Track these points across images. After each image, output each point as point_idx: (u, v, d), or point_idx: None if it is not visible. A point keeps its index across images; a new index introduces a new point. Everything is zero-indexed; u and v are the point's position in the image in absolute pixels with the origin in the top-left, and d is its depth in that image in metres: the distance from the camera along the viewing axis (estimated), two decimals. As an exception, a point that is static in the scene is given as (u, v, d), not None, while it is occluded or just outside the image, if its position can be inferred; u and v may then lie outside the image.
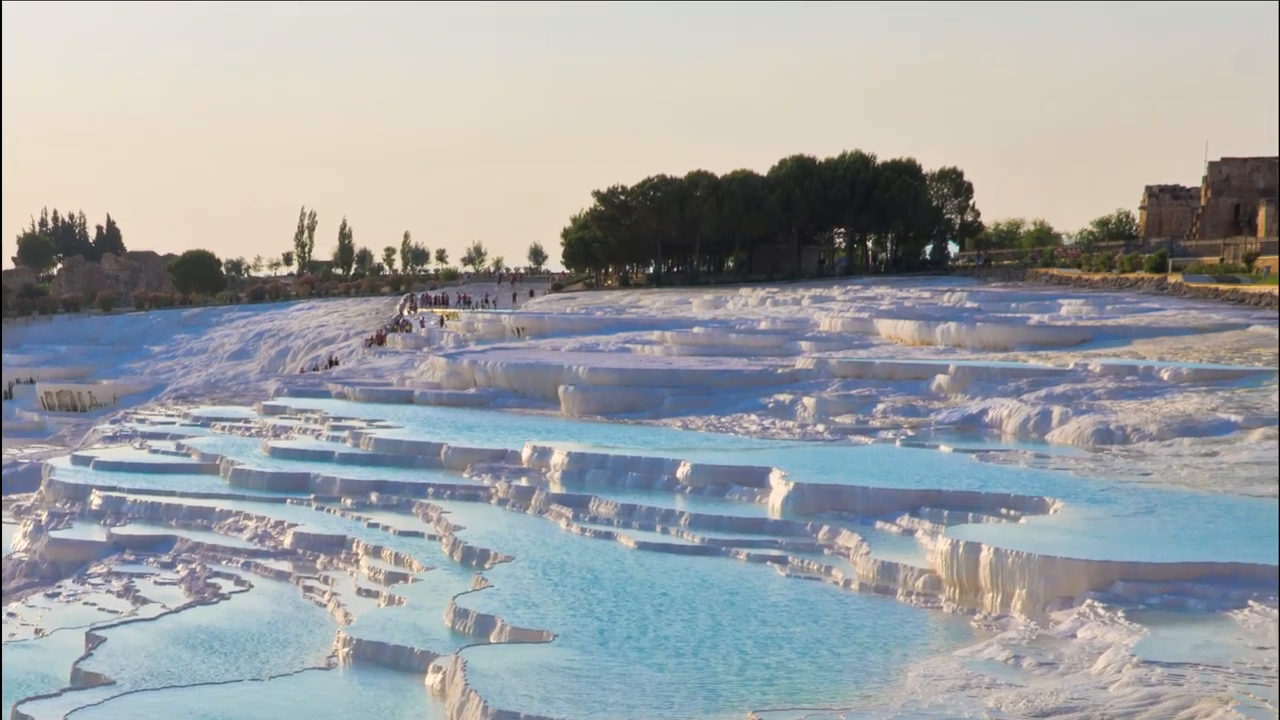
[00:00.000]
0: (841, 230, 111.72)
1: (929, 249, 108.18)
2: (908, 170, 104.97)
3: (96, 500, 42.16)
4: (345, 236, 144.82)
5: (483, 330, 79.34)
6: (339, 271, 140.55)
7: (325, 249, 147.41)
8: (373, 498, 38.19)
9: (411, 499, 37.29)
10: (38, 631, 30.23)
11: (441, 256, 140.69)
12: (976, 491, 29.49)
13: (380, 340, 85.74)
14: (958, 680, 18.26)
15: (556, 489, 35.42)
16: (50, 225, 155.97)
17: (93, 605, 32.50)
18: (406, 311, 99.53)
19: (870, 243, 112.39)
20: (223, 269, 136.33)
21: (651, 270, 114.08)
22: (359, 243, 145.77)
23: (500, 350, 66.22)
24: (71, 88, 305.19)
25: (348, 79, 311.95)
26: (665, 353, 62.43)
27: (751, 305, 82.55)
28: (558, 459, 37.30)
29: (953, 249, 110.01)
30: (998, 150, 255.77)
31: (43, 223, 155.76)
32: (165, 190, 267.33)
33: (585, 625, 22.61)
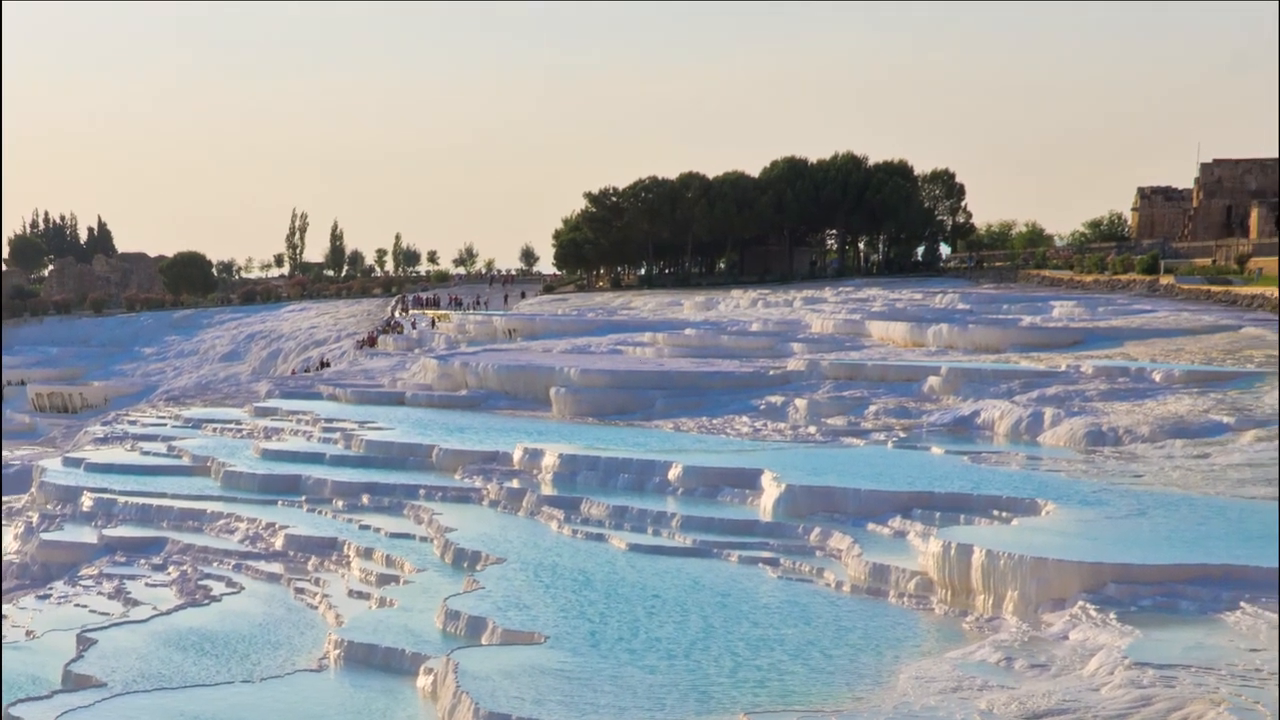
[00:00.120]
0: (833, 232, 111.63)
1: (921, 250, 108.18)
2: (899, 172, 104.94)
3: (87, 502, 42.08)
4: (337, 238, 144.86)
5: (474, 332, 79.29)
6: (330, 273, 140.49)
7: (317, 250, 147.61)
8: (364, 499, 38.14)
9: (403, 501, 37.24)
10: (28, 633, 30.11)
11: (433, 258, 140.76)
12: (968, 493, 29.49)
13: (372, 342, 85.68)
14: (949, 682, 18.25)
15: (548, 491, 35.38)
16: (41, 227, 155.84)
17: (84, 607, 32.38)
18: (398, 313, 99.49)
19: (862, 244, 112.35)
20: (214, 270, 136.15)
21: (643, 272, 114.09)
22: (350, 244, 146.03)
23: (492, 352, 66.18)
24: (63, 89, 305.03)
25: (339, 81, 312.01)
26: (657, 354, 62.43)
27: (743, 307, 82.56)
28: (549, 461, 37.28)
29: (945, 251, 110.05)
30: (990, 152, 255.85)
31: (34, 224, 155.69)
32: (156, 192, 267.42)
33: (577, 627, 22.58)
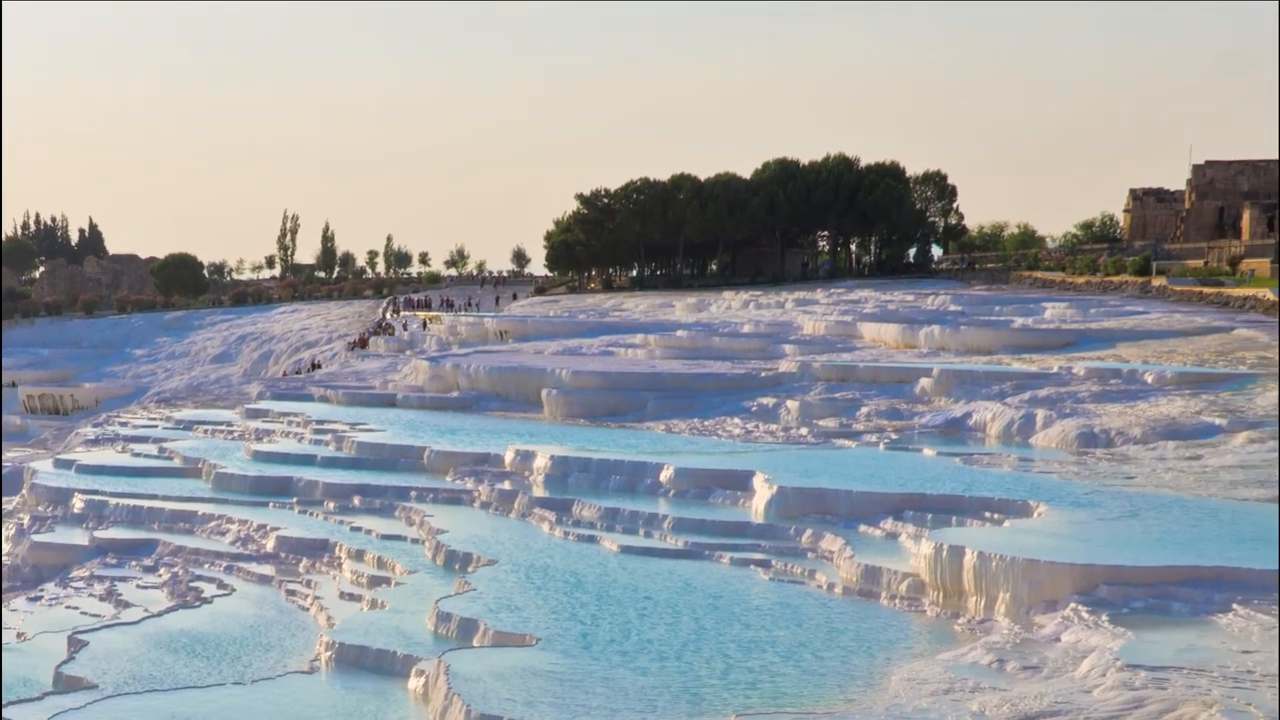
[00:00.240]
0: (825, 233, 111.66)
1: (913, 252, 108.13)
2: (891, 173, 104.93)
3: (79, 503, 42.02)
4: (328, 239, 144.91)
5: (465, 333, 79.26)
6: (321, 274, 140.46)
7: (308, 252, 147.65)
8: (355, 501, 38.12)
9: (394, 502, 37.24)
10: (19, 635, 30.08)
11: (424, 260, 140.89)
12: (960, 495, 29.47)
13: (363, 343, 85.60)
14: (941, 684, 18.24)
15: (539, 492, 35.36)
16: (32, 228, 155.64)
17: (75, 609, 32.35)
18: (389, 315, 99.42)
19: (854, 246, 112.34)
20: (205, 272, 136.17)
21: (634, 273, 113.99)
22: (341, 246, 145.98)
23: (483, 353, 66.15)
24: (54, 90, 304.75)
25: (331, 82, 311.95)
26: (648, 356, 62.39)
27: (735, 308, 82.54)
28: (541, 462, 37.26)
29: (936, 252, 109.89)
30: (982, 153, 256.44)
31: (24, 225, 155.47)
32: (148, 193, 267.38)
33: (568, 629, 22.57)
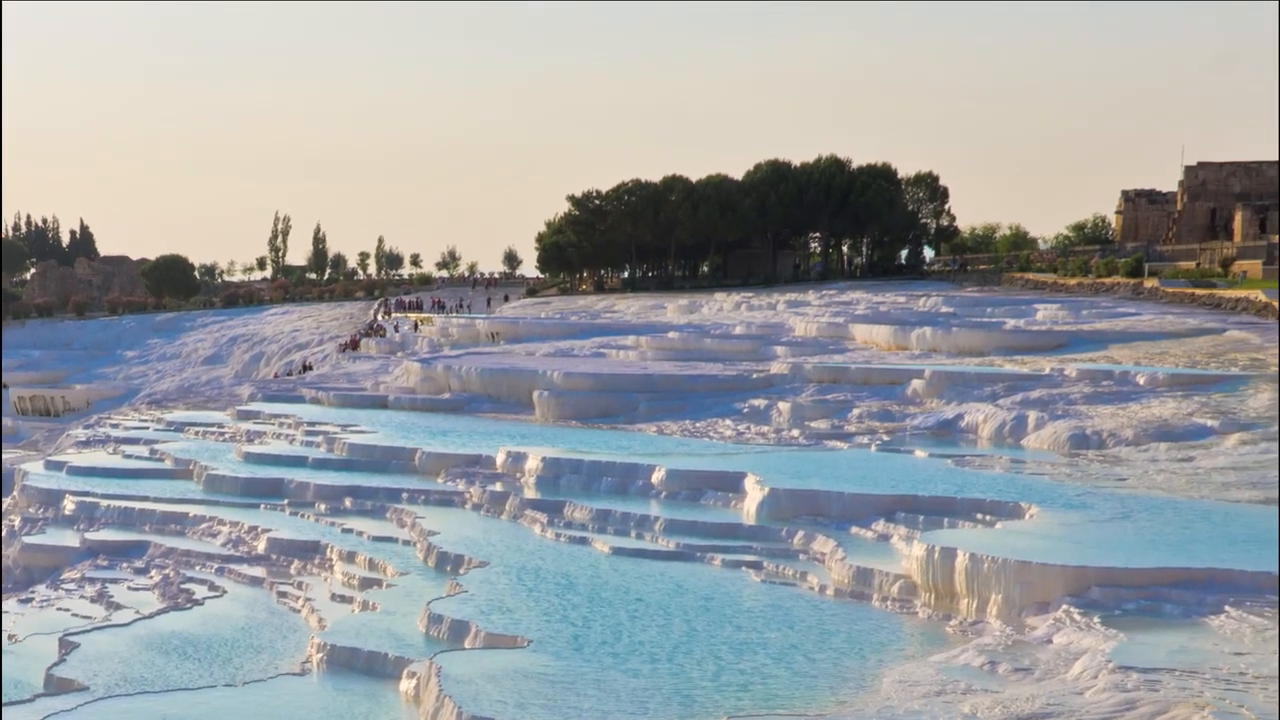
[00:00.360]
0: (817, 235, 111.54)
1: (904, 254, 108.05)
2: (883, 175, 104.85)
3: (70, 505, 41.99)
4: (319, 241, 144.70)
5: (457, 335, 79.22)
6: (313, 276, 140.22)
7: (299, 254, 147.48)
8: (347, 503, 38.09)
9: (386, 504, 37.21)
10: (11, 637, 30.04)
11: (416, 261, 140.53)
12: (952, 497, 29.49)
13: (354, 345, 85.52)
14: (933, 686, 18.23)
15: (531, 494, 35.35)
16: (23, 230, 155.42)
17: (66, 611, 32.33)
18: (381, 316, 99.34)
19: (845, 247, 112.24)
20: (196, 274, 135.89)
21: (626, 275, 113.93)
22: (333, 247, 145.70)
23: (475, 355, 66.14)
24: (44, 91, 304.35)
25: (322, 84, 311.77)
26: (640, 357, 62.37)
27: (726, 310, 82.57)
28: (532, 464, 37.25)
29: (928, 254, 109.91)
30: (973, 155, 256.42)
31: (16, 227, 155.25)
32: (139, 195, 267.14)
33: (560, 631, 22.56)
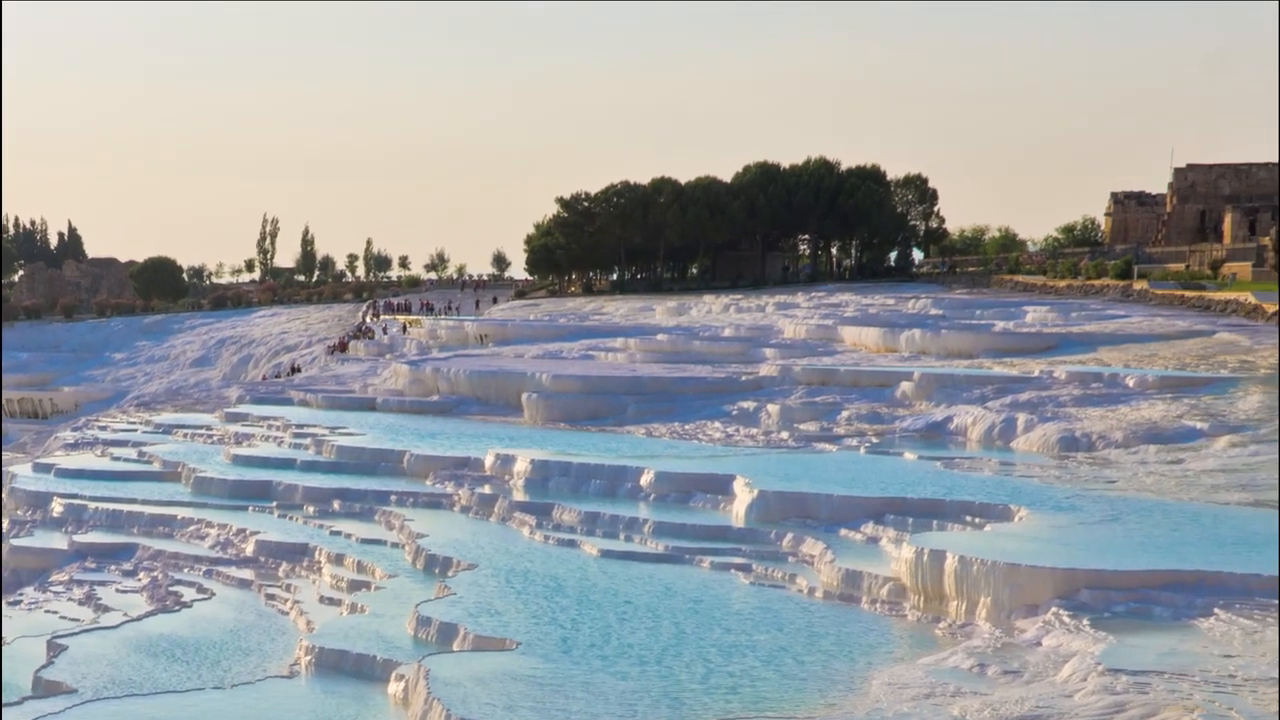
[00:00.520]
0: (806, 237, 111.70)
1: (893, 256, 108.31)
2: (872, 176, 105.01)
3: (58, 508, 41.88)
4: (308, 243, 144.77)
5: (446, 337, 79.17)
6: (301, 278, 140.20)
7: (288, 256, 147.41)
8: (335, 505, 38.04)
9: (374, 506, 37.16)
10: (-2, 640, 30.00)
11: (404, 263, 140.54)
12: (941, 499, 29.47)
13: (343, 347, 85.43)
14: (922, 688, 18.22)
15: (520, 496, 35.31)
16: (11, 232, 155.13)
17: (54, 613, 32.24)
18: (369, 318, 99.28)
19: (835, 249, 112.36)
20: (184, 276, 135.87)
21: (615, 277, 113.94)
22: (321, 249, 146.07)
23: (463, 357, 66.06)
24: (33, 93, 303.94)
25: (310, 86, 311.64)
26: (629, 360, 62.34)
27: (715, 312, 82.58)
28: (521, 466, 37.20)
29: (917, 256, 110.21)
30: (962, 156, 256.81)
31: (3, 229, 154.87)
32: (127, 197, 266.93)
33: (549, 633, 22.53)
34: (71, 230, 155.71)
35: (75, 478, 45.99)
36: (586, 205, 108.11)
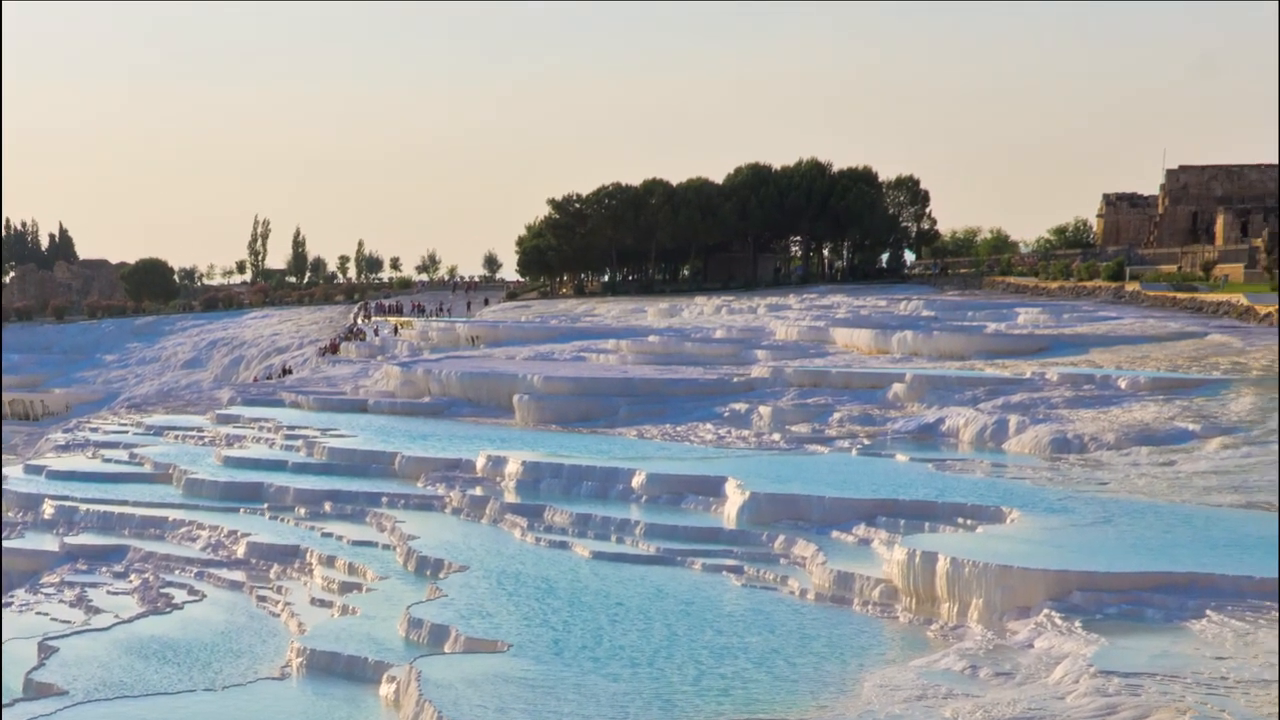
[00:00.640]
0: (797, 238, 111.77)
1: (885, 257, 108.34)
2: (864, 178, 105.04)
3: (49, 509, 41.88)
4: (299, 244, 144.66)
5: (437, 339, 79.14)
6: (293, 280, 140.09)
7: (279, 257, 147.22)
8: (326, 507, 38.01)
9: (365, 508, 37.14)
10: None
11: (396, 265, 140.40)
12: (933, 501, 29.43)
13: (334, 349, 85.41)
14: (914, 690, 18.21)
15: (511, 498, 35.30)
16: (2, 233, 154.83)
17: (45, 615, 32.28)
18: (360, 320, 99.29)
19: (826, 251, 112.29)
20: (176, 277, 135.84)
21: (607, 279, 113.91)
22: (313, 251, 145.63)
23: (455, 359, 66.04)
24: (24, 94, 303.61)
25: (302, 87, 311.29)
26: (620, 361, 62.35)
27: (707, 314, 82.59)
28: (512, 468, 37.18)
29: (909, 257, 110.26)
30: (954, 158, 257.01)
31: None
32: (118, 198, 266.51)
33: (540, 635, 22.50)
34: (62, 231, 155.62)
35: (66, 479, 45.98)
36: (578, 207, 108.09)
